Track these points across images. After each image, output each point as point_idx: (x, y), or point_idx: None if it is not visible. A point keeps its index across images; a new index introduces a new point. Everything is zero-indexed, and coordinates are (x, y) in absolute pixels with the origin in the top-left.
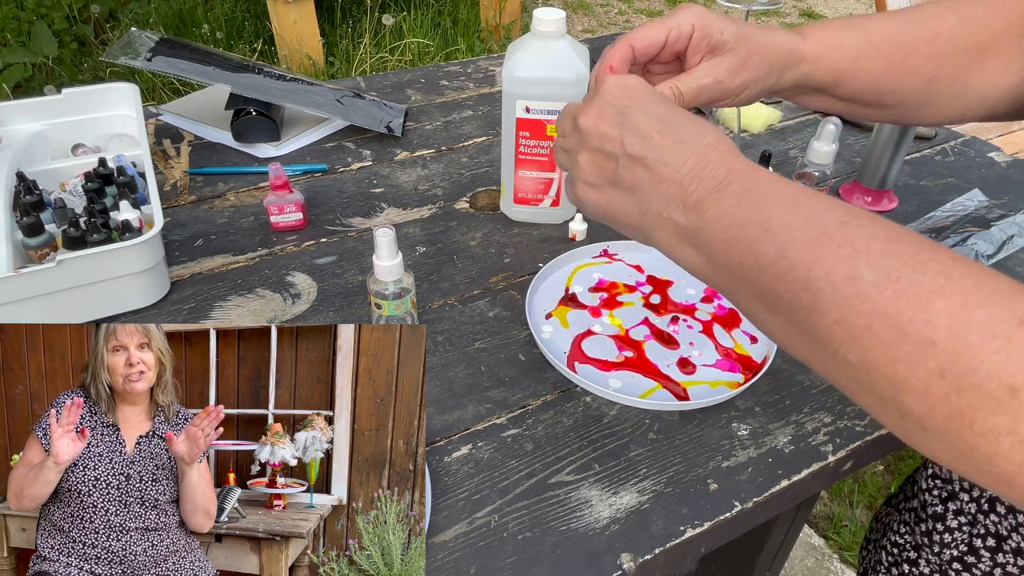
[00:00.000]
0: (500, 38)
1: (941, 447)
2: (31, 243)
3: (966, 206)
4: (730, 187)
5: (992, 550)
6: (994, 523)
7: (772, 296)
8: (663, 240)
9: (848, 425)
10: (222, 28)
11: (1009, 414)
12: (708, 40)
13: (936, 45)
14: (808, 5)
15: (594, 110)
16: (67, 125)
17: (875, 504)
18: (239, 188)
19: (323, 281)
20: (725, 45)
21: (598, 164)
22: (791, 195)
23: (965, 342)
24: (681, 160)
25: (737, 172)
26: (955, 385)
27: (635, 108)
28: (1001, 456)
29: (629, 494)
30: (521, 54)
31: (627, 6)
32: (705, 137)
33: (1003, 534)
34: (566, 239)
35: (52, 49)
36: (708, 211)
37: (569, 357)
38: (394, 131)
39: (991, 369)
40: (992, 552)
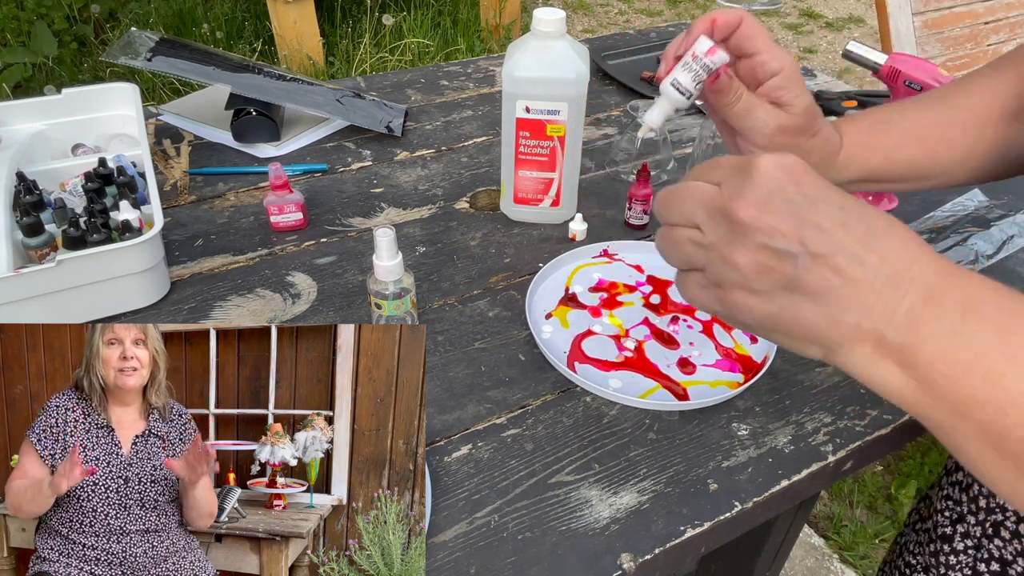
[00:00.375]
0: (500, 38)
1: None
2: (31, 243)
3: (966, 206)
4: (947, 296)
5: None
6: (998, 547)
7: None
8: (859, 356)
9: (848, 425)
10: (222, 28)
11: None
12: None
13: (971, 120)
14: (808, 5)
15: (755, 198)
16: (67, 125)
17: (875, 504)
18: (239, 188)
19: (323, 281)
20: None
21: (766, 265)
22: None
23: None
24: (878, 261)
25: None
26: None
27: (813, 198)
28: None
29: (629, 494)
30: (521, 54)
31: (627, 6)
32: (896, 228)
33: (1008, 559)
34: (566, 239)
35: (52, 49)
36: (925, 326)
37: (569, 357)
38: (394, 131)
39: None
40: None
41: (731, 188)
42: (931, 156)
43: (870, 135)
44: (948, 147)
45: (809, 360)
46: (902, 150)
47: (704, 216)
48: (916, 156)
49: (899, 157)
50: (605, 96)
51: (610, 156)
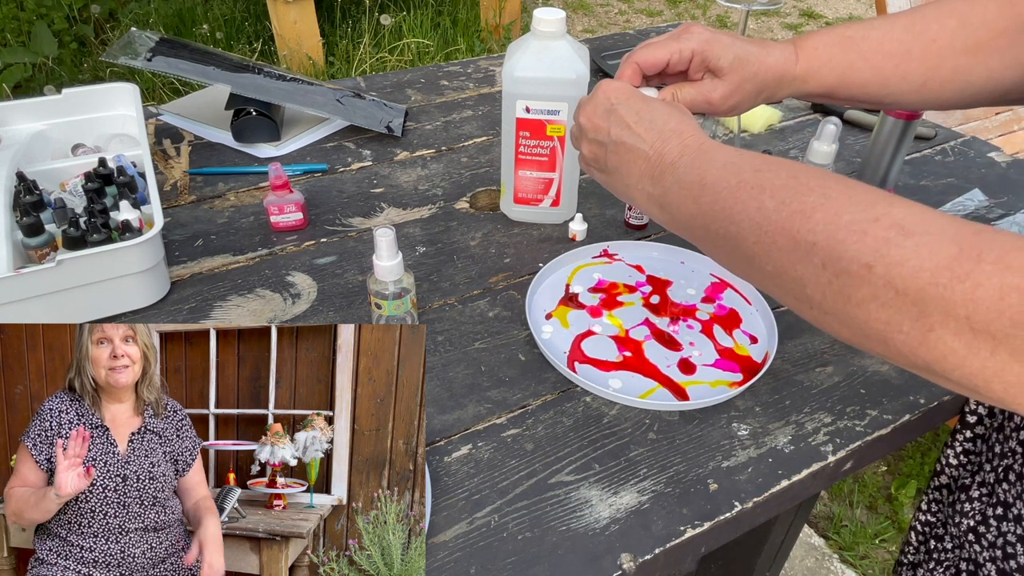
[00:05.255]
0: (500, 38)
1: (839, 325)
2: (31, 243)
3: (966, 206)
4: (682, 159)
5: (999, 519)
6: (1005, 491)
7: (712, 234)
8: (643, 206)
9: (848, 425)
10: (222, 28)
11: (868, 285)
12: (706, 64)
13: (932, 51)
14: (808, 5)
15: (589, 108)
16: (67, 125)
17: (875, 504)
18: (239, 188)
19: (323, 281)
20: (722, 70)
21: (594, 152)
22: (724, 158)
23: (836, 239)
24: (649, 142)
25: (689, 147)
26: (833, 271)
27: (619, 104)
28: (873, 319)
29: (629, 494)
30: (521, 54)
31: (627, 6)
32: (670, 123)
33: (1009, 501)
34: (566, 239)
35: (52, 49)
36: (666, 179)
37: (569, 357)
38: (394, 131)
39: (852, 255)
40: (999, 521)
41: (580, 105)
42: (884, 84)
43: (829, 52)
44: (902, 78)
45: (809, 360)
46: (857, 73)
47: (576, 121)
48: (870, 81)
49: (853, 79)
50: None
51: None
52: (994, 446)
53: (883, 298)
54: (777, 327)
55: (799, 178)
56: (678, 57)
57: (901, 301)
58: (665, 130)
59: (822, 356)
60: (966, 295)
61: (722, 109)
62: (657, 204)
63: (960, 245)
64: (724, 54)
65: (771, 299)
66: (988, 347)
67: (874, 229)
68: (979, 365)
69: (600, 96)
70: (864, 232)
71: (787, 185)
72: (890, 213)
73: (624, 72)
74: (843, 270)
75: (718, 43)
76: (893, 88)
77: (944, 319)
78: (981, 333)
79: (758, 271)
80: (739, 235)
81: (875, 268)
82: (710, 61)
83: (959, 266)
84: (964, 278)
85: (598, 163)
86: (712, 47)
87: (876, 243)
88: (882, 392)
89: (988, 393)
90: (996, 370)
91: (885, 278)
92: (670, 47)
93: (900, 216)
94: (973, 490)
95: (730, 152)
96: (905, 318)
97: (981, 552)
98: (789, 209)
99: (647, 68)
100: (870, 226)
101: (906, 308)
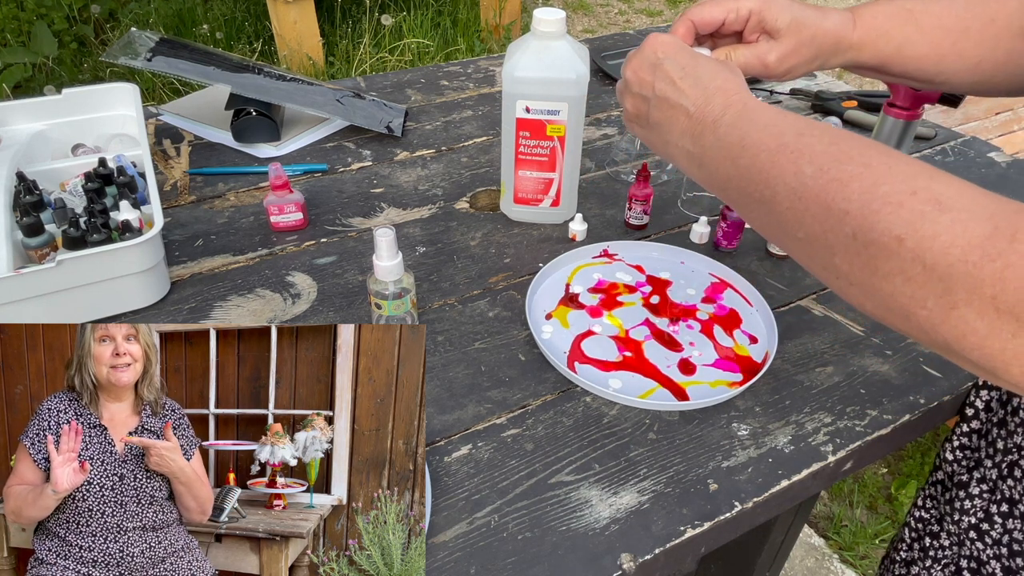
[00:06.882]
0: (500, 38)
1: (864, 296)
2: (31, 243)
3: None
4: (724, 118)
5: (1004, 516)
6: (1010, 487)
7: (747, 196)
8: (681, 164)
9: (848, 425)
10: (222, 28)
11: (897, 258)
12: (763, 25)
13: (990, 30)
14: None
15: (635, 61)
16: (67, 125)
17: (875, 504)
18: (239, 188)
19: (323, 281)
20: (779, 32)
21: (637, 106)
22: (766, 119)
23: (870, 208)
24: (693, 99)
25: (732, 105)
26: (863, 241)
27: (665, 59)
28: (898, 292)
29: (629, 494)
30: (521, 54)
31: (627, 6)
32: (716, 80)
33: (1015, 498)
34: (566, 239)
35: (52, 49)
36: (706, 138)
37: (569, 357)
38: (394, 131)
39: (884, 226)
40: (1004, 518)
41: (629, 57)
42: (939, 61)
43: (889, 23)
44: (958, 56)
45: (809, 360)
46: (914, 46)
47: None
48: (925, 56)
49: (910, 53)
50: (605, 96)
51: (610, 156)
52: (995, 441)
53: (910, 272)
54: (777, 327)
55: (840, 145)
56: (735, 16)
57: (927, 276)
58: (710, 87)
59: (822, 356)
60: (995, 274)
61: (777, 72)
62: (696, 163)
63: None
64: (782, 15)
65: (771, 299)
66: (1011, 328)
67: (911, 202)
68: (999, 346)
69: (647, 50)
70: (900, 204)
71: (827, 152)
72: (929, 187)
73: (677, 28)
74: (872, 241)
75: (776, 4)
76: (947, 66)
77: (969, 297)
78: (1006, 314)
79: (789, 237)
80: (774, 199)
81: (906, 241)
82: (767, 22)
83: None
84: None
85: (640, 118)
86: (770, 7)
87: (911, 216)
88: (882, 392)
89: (1006, 375)
90: (1016, 352)
91: (915, 252)
92: (727, 5)
93: (939, 191)
94: (973, 487)
95: (773, 113)
96: (930, 294)
97: (985, 550)
98: (827, 176)
99: (702, 26)
100: (907, 198)
101: (932, 284)
